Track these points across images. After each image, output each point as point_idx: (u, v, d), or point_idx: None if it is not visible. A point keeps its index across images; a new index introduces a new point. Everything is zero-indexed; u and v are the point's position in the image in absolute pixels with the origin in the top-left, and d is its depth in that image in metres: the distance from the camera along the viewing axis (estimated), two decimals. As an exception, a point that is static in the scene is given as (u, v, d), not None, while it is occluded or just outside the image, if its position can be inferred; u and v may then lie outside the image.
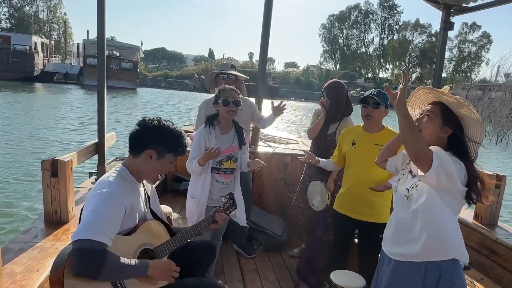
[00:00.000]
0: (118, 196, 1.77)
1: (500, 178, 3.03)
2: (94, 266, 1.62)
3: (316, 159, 3.02)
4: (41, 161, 2.64)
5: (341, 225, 2.94)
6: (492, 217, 3.08)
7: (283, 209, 4.55)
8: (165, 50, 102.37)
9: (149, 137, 1.93)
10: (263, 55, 4.19)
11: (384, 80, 62.45)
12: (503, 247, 2.77)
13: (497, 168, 11.91)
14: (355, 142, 2.83)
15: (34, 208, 6.35)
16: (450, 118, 1.82)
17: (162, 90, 50.19)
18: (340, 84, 3.45)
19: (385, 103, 2.73)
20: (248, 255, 3.73)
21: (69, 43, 63.70)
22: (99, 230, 1.65)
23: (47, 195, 2.63)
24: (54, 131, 13.38)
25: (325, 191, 3.22)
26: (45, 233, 2.48)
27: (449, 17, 3.81)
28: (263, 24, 4.04)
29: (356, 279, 2.57)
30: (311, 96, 53.74)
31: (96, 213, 1.69)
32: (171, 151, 1.96)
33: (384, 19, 74.21)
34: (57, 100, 24.74)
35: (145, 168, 1.95)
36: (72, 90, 35.65)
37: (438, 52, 4.04)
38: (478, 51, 67.97)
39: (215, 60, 79.22)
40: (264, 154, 4.46)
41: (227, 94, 2.76)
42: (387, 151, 2.19)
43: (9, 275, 1.91)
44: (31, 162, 8.93)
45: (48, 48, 47.50)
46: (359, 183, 2.75)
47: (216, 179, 2.87)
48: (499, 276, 2.76)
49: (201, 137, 2.81)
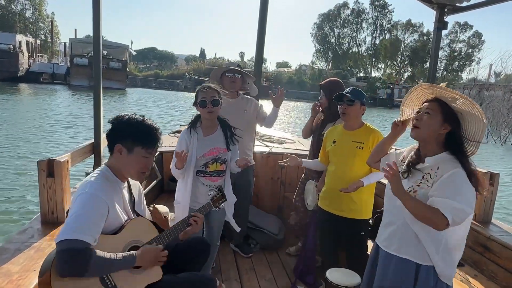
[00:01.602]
0: (99, 195, 1.78)
1: (493, 176, 3.08)
2: (78, 265, 1.63)
3: (299, 161, 3.08)
4: (37, 161, 2.62)
5: (324, 221, 3.00)
6: (486, 215, 3.12)
7: (279, 208, 4.58)
8: (156, 50, 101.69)
9: (118, 133, 1.94)
10: (258, 56, 4.19)
11: (377, 79, 62.62)
12: (496, 244, 2.81)
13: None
14: (335, 140, 2.91)
15: (30, 208, 6.33)
16: (450, 114, 1.83)
17: (153, 90, 49.39)
18: (337, 83, 3.44)
19: (359, 100, 2.78)
20: (245, 255, 3.75)
21: (56, 42, 62.52)
22: (80, 230, 1.65)
23: (43, 195, 2.62)
24: (41, 133, 13.20)
25: (316, 190, 3.27)
26: (42, 233, 2.47)
27: (443, 16, 3.84)
28: (259, 24, 4.04)
29: (351, 277, 2.61)
30: (304, 96, 53.73)
31: (78, 214, 1.70)
32: (139, 144, 1.93)
33: (376, 18, 74.56)
34: (42, 102, 24.07)
35: (121, 164, 1.95)
36: (59, 91, 34.65)
37: (432, 51, 4.08)
38: (469, 50, 68.61)
39: (206, 59, 78.81)
40: (260, 154, 4.47)
41: (204, 94, 2.68)
42: (378, 152, 2.22)
43: (5, 275, 1.91)
44: (20, 164, 8.86)
45: (33, 47, 46.11)
46: (338, 180, 2.81)
47: (203, 182, 2.78)
48: (493, 273, 2.79)
49: (182, 140, 2.76)
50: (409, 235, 1.89)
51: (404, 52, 72.99)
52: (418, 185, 1.85)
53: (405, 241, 1.91)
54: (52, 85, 41.40)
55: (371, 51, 75.64)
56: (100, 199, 1.78)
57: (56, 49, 60.43)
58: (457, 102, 1.80)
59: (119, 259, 1.78)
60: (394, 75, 71.68)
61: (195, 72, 59.42)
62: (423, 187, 1.83)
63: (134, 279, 1.89)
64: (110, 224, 1.85)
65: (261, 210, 4.37)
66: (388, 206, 2.07)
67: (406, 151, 2.10)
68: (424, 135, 1.86)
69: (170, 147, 4.99)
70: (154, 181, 4.27)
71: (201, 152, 2.74)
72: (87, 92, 32.18)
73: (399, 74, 72.93)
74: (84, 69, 39.73)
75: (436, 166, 1.82)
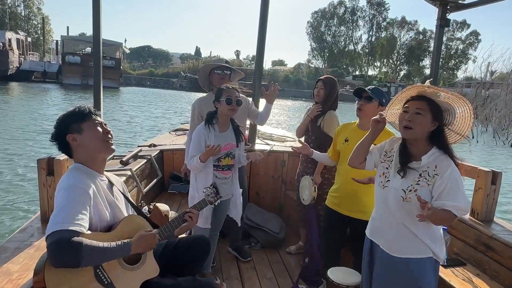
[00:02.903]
0: (76, 184, 1.77)
1: (496, 175, 3.07)
2: (70, 254, 1.59)
3: (310, 150, 3.04)
4: (37, 160, 2.61)
5: (331, 219, 2.96)
6: (488, 213, 3.10)
7: (280, 207, 4.57)
8: (151, 48, 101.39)
9: (59, 130, 1.92)
10: (259, 55, 4.18)
11: (373, 77, 62.75)
12: (499, 243, 2.79)
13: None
14: (348, 139, 2.83)
15: (30, 207, 6.32)
16: (438, 111, 1.88)
17: (147, 89, 48.68)
18: (335, 79, 3.54)
19: (378, 98, 2.72)
20: (244, 259, 3.68)
21: (48, 40, 61.69)
22: (65, 220, 1.63)
23: (43, 194, 2.61)
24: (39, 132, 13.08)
25: (312, 184, 3.27)
26: (42, 232, 2.45)
27: (445, 14, 3.84)
28: (260, 24, 4.03)
29: (353, 276, 2.60)
30: (301, 94, 53.66)
31: (59, 207, 1.69)
32: (81, 119, 1.91)
33: (372, 16, 74.69)
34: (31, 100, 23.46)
35: (84, 150, 1.92)
36: (51, 90, 33.57)
37: (434, 49, 4.08)
38: (466, 48, 68.91)
39: (202, 58, 78.55)
40: (261, 152, 4.44)
41: (230, 93, 2.86)
42: (362, 153, 2.15)
43: (5, 274, 1.90)
44: (18, 163, 8.82)
45: (24, 45, 44.86)
46: (350, 181, 2.72)
47: (216, 175, 2.96)
48: (495, 272, 2.78)
49: (201, 135, 2.90)
50: (408, 236, 1.97)
51: (400, 50, 73.17)
52: (417, 183, 1.89)
53: (406, 242, 1.98)
54: (43, 84, 40.62)
55: (367, 49, 75.77)
56: (78, 187, 1.76)
57: (48, 47, 59.65)
58: (440, 97, 1.86)
59: (113, 247, 1.74)
60: (390, 73, 71.82)
61: (190, 70, 59.15)
62: (423, 185, 1.88)
63: (130, 275, 1.87)
64: (96, 215, 1.82)
65: (262, 208, 4.35)
66: (380, 210, 2.11)
67: (387, 144, 2.13)
68: (417, 135, 1.89)
69: (171, 145, 4.97)
70: (155, 180, 4.26)
71: None
72: (80, 91, 31.80)
73: (395, 73, 73.07)
74: (76, 67, 39.54)
75: (433, 164, 1.87)
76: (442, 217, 1.79)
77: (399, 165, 1.97)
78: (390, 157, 2.05)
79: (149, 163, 4.29)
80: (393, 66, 74.71)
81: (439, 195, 1.84)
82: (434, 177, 1.85)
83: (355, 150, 2.18)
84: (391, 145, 2.10)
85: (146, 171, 4.17)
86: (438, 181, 1.84)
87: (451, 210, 1.78)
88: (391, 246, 2.03)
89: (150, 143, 4.98)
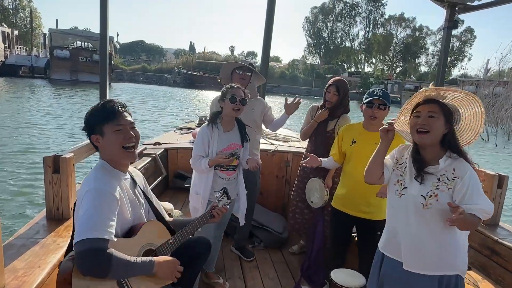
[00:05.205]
0: (105, 188, 1.76)
1: (502, 179, 3.07)
2: (101, 264, 1.60)
3: (319, 161, 2.95)
4: (43, 158, 2.59)
5: (339, 220, 2.95)
6: (493, 217, 3.09)
7: (284, 206, 4.56)
8: (144, 43, 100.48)
9: (86, 128, 1.92)
10: (265, 53, 4.15)
11: (370, 74, 62.67)
12: (504, 248, 2.79)
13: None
14: (355, 140, 2.81)
15: (36, 204, 6.32)
16: (449, 114, 1.85)
17: (140, 85, 47.26)
18: (347, 83, 3.47)
19: (389, 104, 2.70)
20: (247, 259, 3.70)
21: (37, 34, 60.01)
22: (96, 227, 1.63)
23: (49, 192, 2.60)
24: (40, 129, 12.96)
25: (324, 188, 3.25)
26: (47, 230, 2.46)
27: (453, 15, 3.79)
28: (266, 21, 4.00)
29: (356, 278, 2.59)
30: (297, 91, 53.18)
31: (90, 212, 1.67)
32: (102, 122, 1.88)
33: (369, 12, 74.34)
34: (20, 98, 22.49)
35: (106, 151, 1.92)
36: (39, 87, 31.61)
37: (441, 51, 4.05)
38: (461, 46, 68.96)
39: (196, 53, 78.01)
40: (266, 152, 4.44)
41: (235, 92, 2.81)
42: (378, 167, 2.03)
43: (11, 271, 1.90)
44: (21, 161, 8.76)
45: (10, 38, 42.36)
46: (358, 182, 2.65)
47: (219, 175, 2.91)
48: (500, 276, 2.78)
49: (204, 135, 2.85)
50: (431, 251, 1.88)
51: (396, 47, 72.96)
52: (437, 188, 1.84)
53: (430, 257, 1.89)
54: (31, 79, 38.85)
55: (364, 46, 75.59)
56: (107, 192, 1.75)
57: (38, 41, 58.08)
58: (446, 99, 1.85)
59: (138, 263, 1.75)
60: (386, 70, 71.81)
61: (184, 66, 58.73)
62: (443, 189, 1.82)
63: (149, 281, 1.86)
64: (120, 217, 1.82)
65: (265, 208, 4.35)
66: (397, 220, 2.00)
67: (396, 152, 2.07)
68: (434, 138, 1.84)
69: (175, 144, 4.94)
70: (159, 178, 4.25)
71: (221, 147, 2.86)
72: (69, 87, 30.66)
73: (391, 69, 73.09)
74: (65, 62, 38.28)
75: (451, 167, 1.82)
76: (472, 221, 1.72)
77: (415, 172, 1.90)
78: (402, 163, 1.99)
79: (154, 161, 4.27)
80: (389, 63, 74.66)
81: (462, 199, 1.78)
82: (454, 180, 1.80)
83: (371, 167, 2.05)
84: (401, 152, 2.03)
85: (150, 169, 4.15)
86: (459, 184, 1.79)
87: (475, 214, 1.73)
88: (412, 261, 1.93)
89: (155, 141, 4.97)
